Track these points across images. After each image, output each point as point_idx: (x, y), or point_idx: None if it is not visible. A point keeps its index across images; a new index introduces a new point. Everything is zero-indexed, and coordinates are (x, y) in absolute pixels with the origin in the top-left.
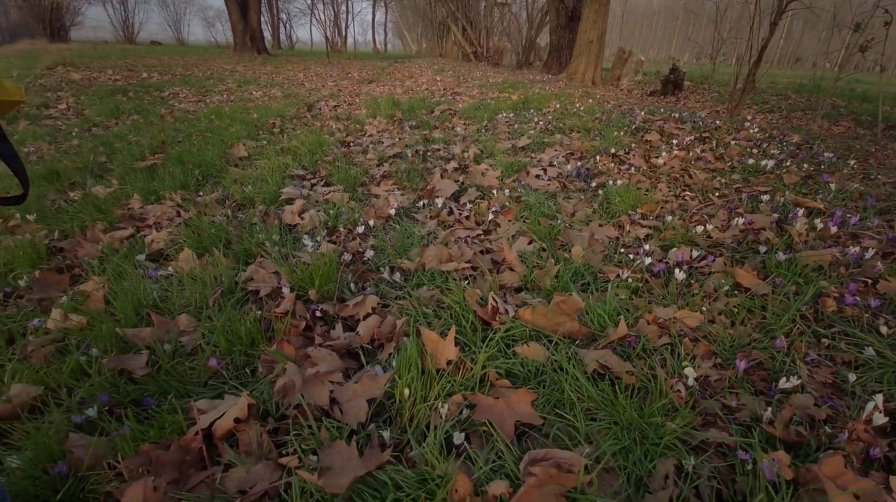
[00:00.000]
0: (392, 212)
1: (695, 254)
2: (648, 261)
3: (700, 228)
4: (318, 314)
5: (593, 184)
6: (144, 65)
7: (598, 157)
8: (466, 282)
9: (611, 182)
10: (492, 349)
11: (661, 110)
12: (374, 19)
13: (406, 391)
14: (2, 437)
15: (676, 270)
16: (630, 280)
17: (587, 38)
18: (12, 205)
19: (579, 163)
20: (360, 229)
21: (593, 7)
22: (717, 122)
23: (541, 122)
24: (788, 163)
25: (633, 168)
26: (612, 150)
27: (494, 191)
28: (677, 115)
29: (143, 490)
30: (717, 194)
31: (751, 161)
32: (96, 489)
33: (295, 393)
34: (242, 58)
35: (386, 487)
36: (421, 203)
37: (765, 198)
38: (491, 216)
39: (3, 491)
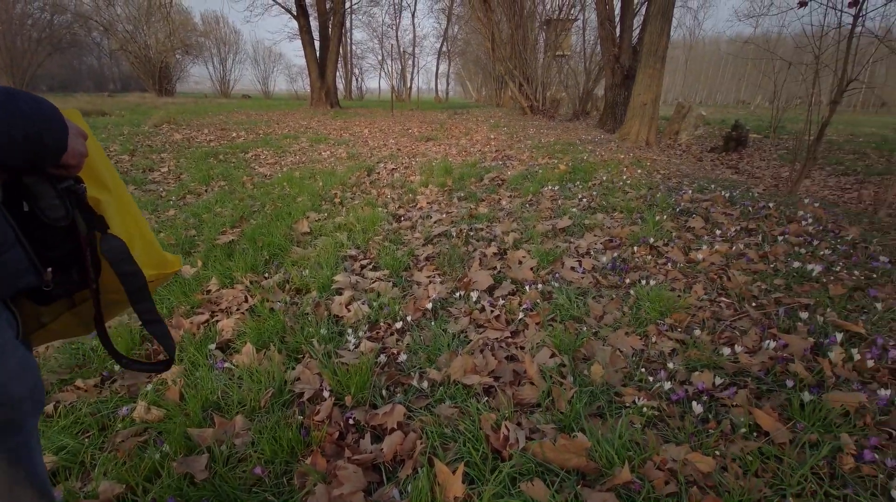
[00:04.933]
0: (429, 305)
1: (717, 380)
2: (668, 385)
3: (727, 350)
4: (351, 422)
5: (627, 281)
6: (234, 121)
7: (635, 248)
8: (486, 398)
9: (643, 281)
10: (497, 485)
11: (712, 186)
12: (437, 71)
13: None
14: None
15: (694, 402)
16: (645, 409)
17: (641, 102)
18: (157, 371)
19: (615, 254)
20: (399, 324)
21: (647, 72)
22: (770, 204)
23: (584, 199)
24: (838, 269)
25: (670, 263)
26: (651, 240)
27: (527, 287)
28: (728, 195)
29: None
30: (754, 304)
31: (797, 264)
32: None
33: None
34: (316, 111)
35: None
36: (457, 295)
37: (804, 315)
38: (521, 315)
39: None
